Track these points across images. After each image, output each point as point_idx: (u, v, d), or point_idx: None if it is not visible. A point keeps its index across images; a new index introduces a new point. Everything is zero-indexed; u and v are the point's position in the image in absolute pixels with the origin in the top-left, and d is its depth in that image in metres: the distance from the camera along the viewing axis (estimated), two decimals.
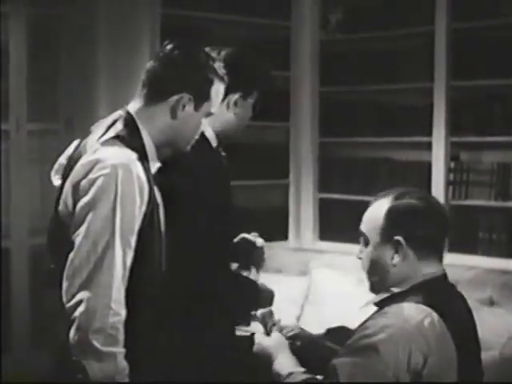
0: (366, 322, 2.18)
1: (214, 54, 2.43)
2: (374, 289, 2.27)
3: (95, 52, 4.52)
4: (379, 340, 2.05)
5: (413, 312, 2.09)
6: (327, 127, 5.30)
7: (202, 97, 2.26)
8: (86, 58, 4.53)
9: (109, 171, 2.05)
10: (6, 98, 4.46)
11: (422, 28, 4.76)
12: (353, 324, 2.37)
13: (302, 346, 2.46)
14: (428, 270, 2.20)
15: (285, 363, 2.27)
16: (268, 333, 2.42)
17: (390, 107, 5.02)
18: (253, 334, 2.44)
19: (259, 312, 2.49)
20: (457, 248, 4.52)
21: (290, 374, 2.21)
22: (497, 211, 4.56)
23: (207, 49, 2.42)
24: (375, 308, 2.25)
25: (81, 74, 4.55)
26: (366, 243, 2.24)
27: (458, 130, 4.67)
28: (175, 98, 2.22)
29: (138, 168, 2.11)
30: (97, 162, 2.07)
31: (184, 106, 2.23)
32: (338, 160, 5.27)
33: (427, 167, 4.73)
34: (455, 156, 4.72)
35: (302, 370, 2.23)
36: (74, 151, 2.23)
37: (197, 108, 2.26)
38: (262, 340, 2.39)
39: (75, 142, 2.28)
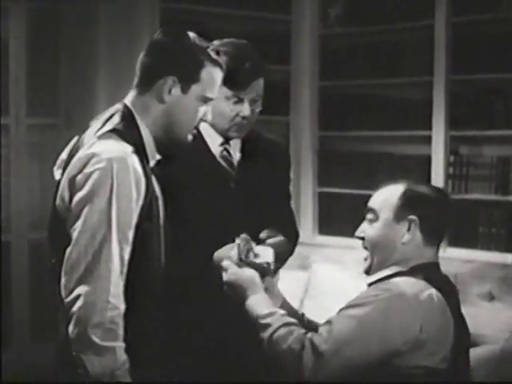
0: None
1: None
2: (372, 269, 2.29)
3: (95, 46, 4.51)
4: (378, 299, 2.10)
5: (412, 285, 2.15)
6: (327, 121, 5.30)
7: (187, 78, 2.22)
8: (85, 52, 4.53)
9: (104, 165, 2.05)
10: (6, 92, 4.46)
11: (422, 22, 4.76)
12: None
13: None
14: (428, 255, 2.27)
15: (261, 302, 2.23)
16: (241, 259, 2.31)
17: (389, 101, 5.02)
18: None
19: (237, 239, 2.38)
20: (456, 242, 4.53)
21: (271, 313, 2.19)
22: (496, 205, 4.56)
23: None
24: None
25: (80, 68, 4.55)
26: (374, 220, 2.28)
27: (457, 123, 4.68)
28: (160, 81, 2.20)
29: (135, 161, 2.10)
30: (92, 155, 2.07)
31: (170, 90, 2.20)
32: (338, 154, 5.27)
33: (427, 161, 4.74)
34: (455, 150, 4.72)
35: (282, 312, 2.21)
36: (74, 146, 2.23)
37: (184, 90, 2.22)
38: (235, 271, 2.30)
39: (76, 137, 2.28)
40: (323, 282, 4.71)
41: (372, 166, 5.04)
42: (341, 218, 5.15)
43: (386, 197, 2.29)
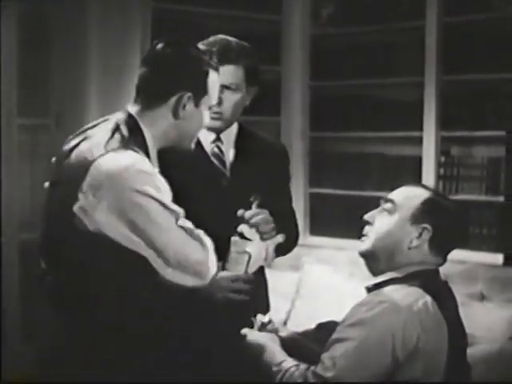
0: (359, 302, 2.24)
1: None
2: (375, 267, 2.30)
3: (86, 47, 4.50)
4: (373, 315, 2.11)
5: (406, 294, 2.16)
6: (318, 121, 5.30)
7: (200, 92, 2.22)
8: (76, 52, 4.52)
9: (135, 167, 2.06)
10: None
11: (413, 22, 4.77)
12: None
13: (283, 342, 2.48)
14: (430, 262, 2.28)
15: (276, 353, 2.28)
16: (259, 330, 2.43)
17: (380, 101, 5.02)
18: None
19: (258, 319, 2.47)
20: None
21: (283, 361, 2.24)
22: (487, 206, 4.57)
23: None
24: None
25: (71, 68, 4.54)
26: (390, 212, 2.29)
27: (448, 124, 4.69)
28: (174, 98, 2.18)
29: (155, 170, 2.12)
30: (124, 169, 2.04)
31: (185, 105, 2.19)
32: (329, 155, 5.27)
33: (418, 162, 4.74)
34: (446, 150, 4.73)
35: (291, 360, 2.25)
36: (75, 152, 2.15)
37: (197, 104, 2.22)
38: (253, 334, 2.39)
39: (72, 142, 2.18)
40: (315, 283, 4.72)
41: (363, 167, 5.04)
42: (332, 218, 5.15)
43: (411, 196, 2.31)
